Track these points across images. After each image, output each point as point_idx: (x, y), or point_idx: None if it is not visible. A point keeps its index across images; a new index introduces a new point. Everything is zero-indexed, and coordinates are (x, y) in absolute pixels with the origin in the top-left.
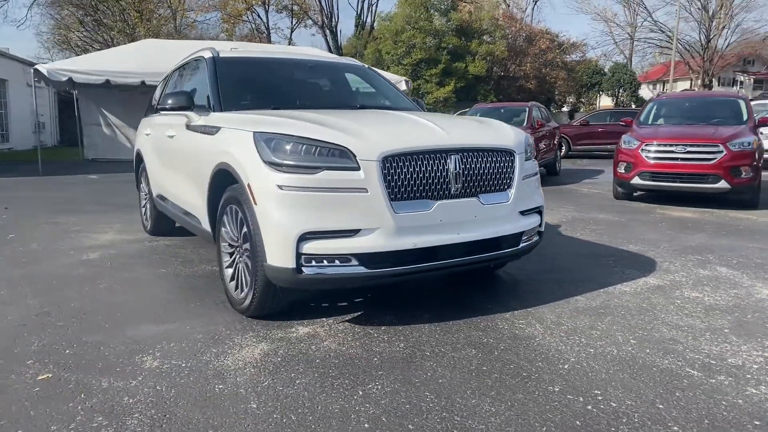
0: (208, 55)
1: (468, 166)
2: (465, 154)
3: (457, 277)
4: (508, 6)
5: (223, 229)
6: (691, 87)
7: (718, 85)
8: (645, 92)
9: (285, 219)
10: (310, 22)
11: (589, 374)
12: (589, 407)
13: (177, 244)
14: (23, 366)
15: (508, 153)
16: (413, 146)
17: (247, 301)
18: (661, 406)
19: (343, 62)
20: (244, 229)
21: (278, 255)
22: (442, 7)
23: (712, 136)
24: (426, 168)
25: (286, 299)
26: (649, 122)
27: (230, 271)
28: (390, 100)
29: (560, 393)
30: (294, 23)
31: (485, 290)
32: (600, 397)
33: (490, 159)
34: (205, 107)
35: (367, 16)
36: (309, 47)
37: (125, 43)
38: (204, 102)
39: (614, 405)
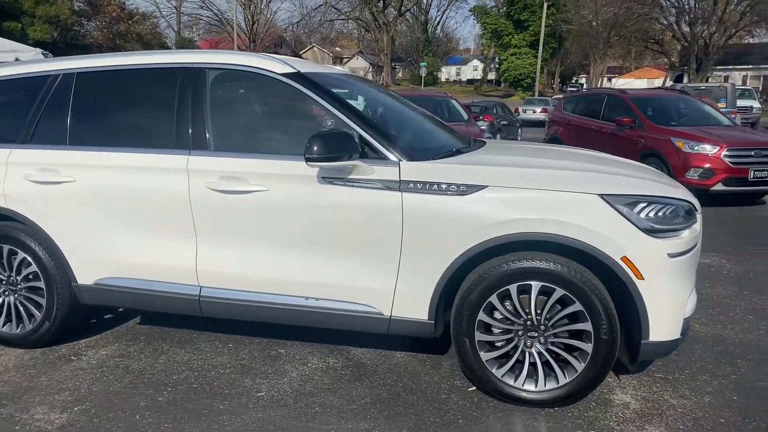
0: (284, 69)
1: None
2: None
3: None
4: None
5: (483, 315)
6: None
7: None
8: None
9: (680, 288)
10: None
11: None
12: None
13: (127, 352)
14: None
15: None
16: None
17: (564, 389)
18: None
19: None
20: (567, 310)
21: (669, 328)
22: None
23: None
24: None
25: None
26: None
27: (498, 361)
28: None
29: None
30: None
31: None
32: None
33: None
34: (365, 154)
35: None
36: None
37: None
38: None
39: None
